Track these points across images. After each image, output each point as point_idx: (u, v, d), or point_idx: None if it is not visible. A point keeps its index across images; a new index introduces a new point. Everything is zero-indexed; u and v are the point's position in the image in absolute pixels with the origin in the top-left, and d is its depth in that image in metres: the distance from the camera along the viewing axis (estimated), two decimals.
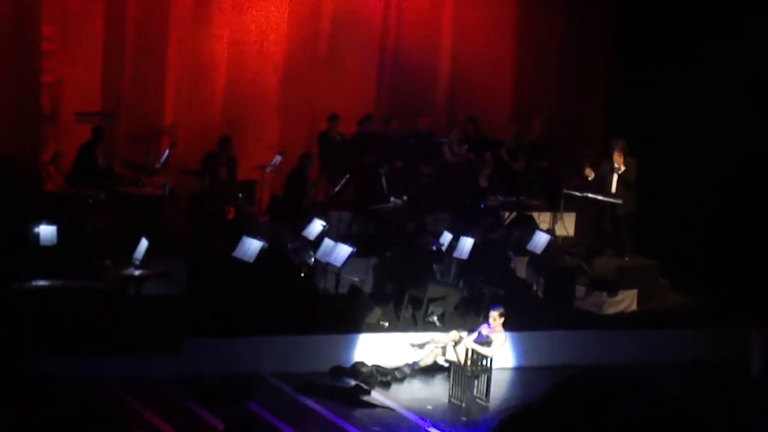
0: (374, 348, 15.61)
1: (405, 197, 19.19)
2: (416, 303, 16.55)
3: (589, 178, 18.63)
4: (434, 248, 17.14)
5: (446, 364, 15.04)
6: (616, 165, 18.39)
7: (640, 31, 20.34)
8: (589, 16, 21.82)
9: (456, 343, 14.80)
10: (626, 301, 18.19)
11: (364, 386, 14.81)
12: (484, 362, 14.66)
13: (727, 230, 18.91)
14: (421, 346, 15.30)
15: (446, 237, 17.28)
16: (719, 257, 18.73)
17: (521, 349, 16.13)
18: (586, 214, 20.48)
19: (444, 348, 14.92)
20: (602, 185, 18.62)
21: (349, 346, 15.57)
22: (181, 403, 13.79)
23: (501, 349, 14.94)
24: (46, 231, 15.62)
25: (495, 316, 14.67)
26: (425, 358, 15.26)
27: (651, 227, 18.85)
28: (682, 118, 19.48)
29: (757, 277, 17.97)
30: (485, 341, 14.60)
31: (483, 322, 15.09)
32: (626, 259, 18.75)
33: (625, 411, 1.88)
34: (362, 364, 15.36)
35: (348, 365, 15.37)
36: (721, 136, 19.01)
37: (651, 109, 19.72)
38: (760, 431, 15.18)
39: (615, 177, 18.48)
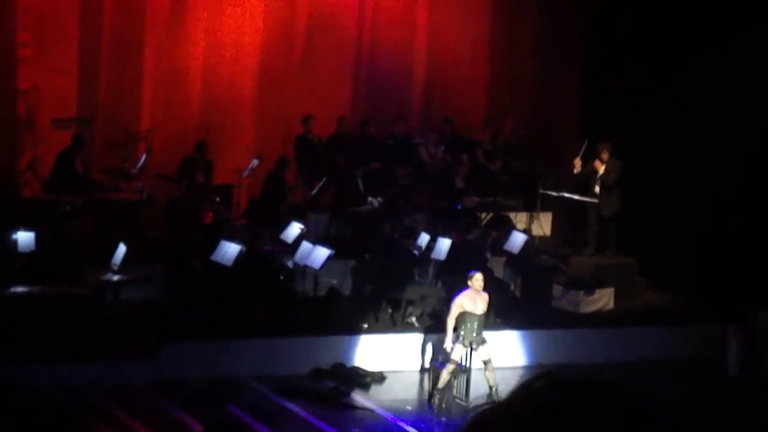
0: (353, 350, 15.67)
1: (382, 199, 19.23)
2: (395, 304, 16.61)
3: (575, 170, 18.55)
4: (412, 249, 17.18)
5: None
6: (596, 169, 18.44)
7: (616, 32, 20.43)
8: (564, 18, 21.89)
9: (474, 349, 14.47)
10: (603, 299, 18.26)
11: (344, 388, 14.86)
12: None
13: (704, 228, 18.97)
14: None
15: (423, 238, 17.30)
16: (696, 255, 18.79)
17: (500, 349, 16.17)
18: (563, 213, 20.55)
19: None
20: (586, 185, 18.68)
21: (328, 349, 15.61)
22: (160, 408, 13.81)
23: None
24: (24, 237, 15.60)
25: (480, 279, 14.27)
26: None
27: (627, 225, 18.94)
28: (659, 117, 19.56)
29: (734, 274, 18.04)
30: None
31: (457, 291, 14.66)
32: (606, 256, 18.82)
33: (589, 408, 1.92)
34: (341, 366, 15.41)
35: (327, 367, 15.40)
36: (699, 136, 19.07)
37: (626, 109, 19.78)
38: (735, 430, 15.26)
39: (598, 179, 18.53)
